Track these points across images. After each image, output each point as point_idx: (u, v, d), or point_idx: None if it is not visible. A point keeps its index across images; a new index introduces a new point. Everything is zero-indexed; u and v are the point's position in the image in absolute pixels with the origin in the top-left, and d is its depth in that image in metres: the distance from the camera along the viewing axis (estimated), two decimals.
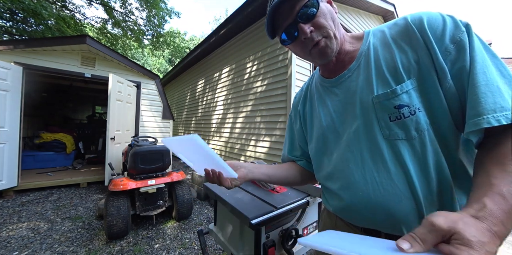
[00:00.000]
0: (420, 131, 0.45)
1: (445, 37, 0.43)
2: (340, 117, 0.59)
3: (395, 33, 0.50)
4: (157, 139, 3.02)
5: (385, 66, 0.49)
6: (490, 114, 0.37)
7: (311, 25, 0.50)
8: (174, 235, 2.27)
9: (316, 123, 0.67)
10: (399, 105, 0.46)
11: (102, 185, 3.86)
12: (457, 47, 0.42)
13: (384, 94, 0.48)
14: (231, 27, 3.84)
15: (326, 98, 0.64)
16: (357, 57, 0.55)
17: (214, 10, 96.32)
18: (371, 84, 0.51)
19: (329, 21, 0.51)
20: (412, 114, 0.45)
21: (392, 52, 0.49)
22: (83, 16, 9.38)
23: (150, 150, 2.37)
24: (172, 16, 11.04)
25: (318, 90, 0.68)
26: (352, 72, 0.56)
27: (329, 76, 0.64)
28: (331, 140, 0.61)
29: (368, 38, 0.55)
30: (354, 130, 0.54)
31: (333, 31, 0.52)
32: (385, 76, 0.49)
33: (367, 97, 0.51)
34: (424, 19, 0.46)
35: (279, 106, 3.09)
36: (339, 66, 0.59)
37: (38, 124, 6.03)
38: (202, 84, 5.63)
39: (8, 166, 3.15)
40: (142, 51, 19.28)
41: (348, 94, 0.57)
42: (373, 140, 0.51)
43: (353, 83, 0.56)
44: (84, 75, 3.90)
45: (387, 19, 4.89)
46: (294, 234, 0.94)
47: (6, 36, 7.83)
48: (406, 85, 0.46)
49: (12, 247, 1.95)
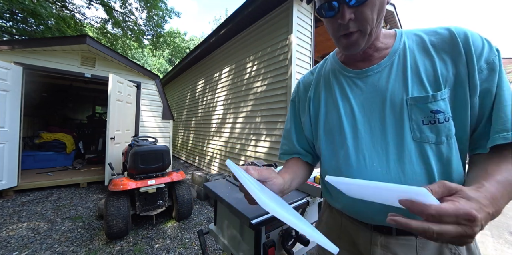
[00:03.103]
0: (449, 137, 0.47)
1: (482, 56, 0.46)
2: (363, 113, 0.56)
3: (437, 41, 0.50)
4: (157, 139, 3.02)
5: (424, 71, 0.50)
6: None
7: (353, 12, 0.46)
8: (174, 235, 2.27)
9: (332, 114, 0.62)
10: (436, 110, 0.47)
11: (102, 185, 3.86)
12: (489, 68, 0.46)
13: (422, 97, 0.48)
14: (231, 27, 3.84)
15: (347, 89, 0.60)
16: (390, 54, 0.54)
17: (214, 10, 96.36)
18: (407, 85, 0.50)
19: (374, 14, 0.47)
20: (446, 121, 0.47)
21: (432, 60, 0.50)
22: (83, 16, 9.38)
23: (150, 150, 2.37)
24: (172, 16, 11.05)
25: (336, 78, 0.63)
26: (382, 68, 0.55)
27: (352, 65, 0.61)
28: (349, 135, 0.58)
29: (401, 38, 0.55)
30: (381, 129, 0.53)
31: (372, 26, 0.49)
32: (422, 80, 0.49)
33: (399, 97, 0.51)
34: (469, 35, 0.48)
35: (279, 106, 3.09)
36: (365, 58, 0.58)
37: (38, 124, 6.03)
38: (202, 84, 5.63)
39: (8, 166, 3.15)
40: (142, 51, 19.28)
41: (376, 90, 0.55)
42: (401, 140, 0.51)
43: (382, 80, 0.54)
44: (84, 75, 3.90)
45: (387, 19, 4.89)
46: (294, 234, 0.94)
47: (6, 36, 7.83)
48: (444, 92, 0.47)
49: (12, 247, 1.95)
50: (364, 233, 0.59)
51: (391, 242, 0.54)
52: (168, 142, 5.00)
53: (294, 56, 2.93)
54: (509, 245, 2.15)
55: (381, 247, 0.55)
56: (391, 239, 0.54)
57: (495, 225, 2.58)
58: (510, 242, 2.20)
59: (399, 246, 0.52)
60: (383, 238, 0.55)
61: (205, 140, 5.16)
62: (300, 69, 3.06)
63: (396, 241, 0.53)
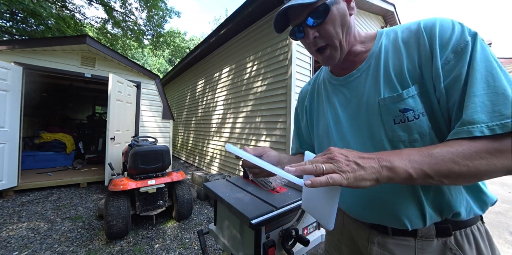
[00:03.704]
0: (423, 134, 0.47)
1: (448, 46, 0.44)
2: (347, 118, 0.59)
3: (407, 37, 0.51)
4: (157, 139, 3.02)
5: (393, 70, 0.51)
6: (486, 123, 0.38)
7: (316, 31, 0.51)
8: (174, 235, 2.27)
9: (322, 121, 0.67)
10: (404, 108, 0.47)
11: (102, 185, 3.85)
12: (456, 57, 0.43)
13: (390, 97, 0.49)
14: (231, 27, 3.83)
15: (333, 97, 0.64)
16: (368, 58, 0.56)
17: (214, 10, 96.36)
18: (379, 86, 0.52)
19: (337, 28, 0.51)
20: (416, 118, 0.46)
21: (400, 57, 0.50)
22: (83, 16, 9.38)
23: (150, 150, 2.37)
24: (172, 16, 11.06)
25: (325, 86, 0.68)
26: (361, 72, 0.57)
27: (338, 73, 0.64)
28: (336, 140, 0.62)
29: (380, 39, 0.55)
30: (360, 132, 0.55)
31: (339, 39, 0.52)
32: (392, 80, 0.50)
33: (374, 99, 0.52)
34: (436, 25, 0.46)
35: (279, 106, 3.09)
36: (348, 65, 0.60)
37: (38, 124, 6.03)
38: (202, 84, 5.63)
39: (8, 166, 3.15)
40: (142, 51, 19.30)
41: (356, 94, 0.57)
42: (379, 141, 0.52)
43: (361, 84, 0.56)
44: (84, 75, 3.90)
45: (387, 19, 4.89)
46: (294, 234, 0.94)
47: (6, 36, 7.83)
48: (412, 90, 0.47)
49: (12, 247, 1.95)
50: (362, 231, 0.61)
51: (388, 242, 0.54)
52: (168, 142, 5.00)
53: (294, 56, 2.93)
54: (509, 245, 2.15)
55: (378, 246, 0.56)
56: (387, 239, 0.54)
57: (495, 225, 2.58)
58: (510, 242, 2.20)
59: (397, 246, 0.53)
60: (380, 237, 0.56)
61: (205, 140, 5.15)
62: (300, 69, 3.06)
63: (394, 241, 0.53)
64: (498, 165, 0.36)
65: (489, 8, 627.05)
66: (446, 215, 0.48)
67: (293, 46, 2.91)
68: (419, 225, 0.49)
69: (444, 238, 0.49)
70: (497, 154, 0.36)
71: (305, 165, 0.39)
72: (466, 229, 0.49)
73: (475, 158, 0.37)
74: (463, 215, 0.47)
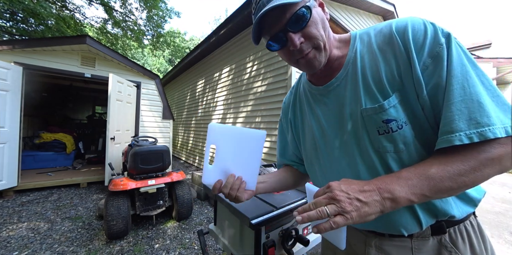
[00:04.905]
0: (407, 144, 0.46)
1: (424, 50, 0.43)
2: (331, 129, 0.58)
3: (381, 42, 0.49)
4: (157, 139, 3.02)
5: (371, 78, 0.48)
6: (464, 131, 0.38)
7: (301, 35, 0.48)
8: (174, 235, 2.27)
9: (308, 133, 0.65)
10: (387, 119, 0.46)
11: (102, 185, 3.85)
12: (434, 62, 0.42)
13: (372, 108, 0.47)
14: (231, 27, 3.83)
15: (315, 107, 0.62)
16: (345, 65, 0.54)
17: (214, 10, 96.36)
18: (359, 96, 0.50)
19: (320, 30, 0.48)
20: (399, 128, 0.45)
21: (378, 64, 0.48)
22: (83, 16, 9.38)
23: (150, 150, 2.37)
24: (172, 16, 11.05)
25: (307, 96, 0.66)
26: (340, 80, 0.55)
27: (317, 82, 0.62)
28: (323, 151, 0.60)
29: (355, 44, 0.53)
30: (346, 143, 0.54)
31: (324, 41, 0.49)
32: (372, 89, 0.48)
33: (355, 110, 0.51)
34: (408, 29, 0.44)
35: (279, 106, 3.09)
36: (327, 72, 0.57)
37: (38, 124, 6.02)
38: (202, 84, 5.63)
39: (8, 166, 3.15)
40: (142, 51, 19.30)
41: (337, 104, 0.56)
42: (365, 152, 0.51)
43: (341, 93, 0.54)
44: (84, 75, 3.90)
45: (387, 19, 4.89)
46: (294, 234, 0.94)
47: (6, 36, 7.83)
48: (392, 99, 0.45)
49: (12, 247, 1.95)
50: (359, 234, 0.60)
51: (385, 244, 0.54)
52: (168, 142, 4.99)
53: None
54: (509, 245, 2.15)
55: (375, 249, 0.55)
56: (385, 241, 0.54)
57: (495, 225, 2.58)
58: (510, 242, 2.20)
59: (394, 247, 0.53)
60: (377, 239, 0.55)
61: (205, 140, 5.15)
62: None
63: (391, 243, 0.53)
64: (491, 172, 0.38)
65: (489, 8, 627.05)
66: (441, 218, 0.48)
67: None
68: (415, 230, 0.49)
69: (439, 236, 0.49)
70: (489, 163, 0.37)
71: (310, 212, 0.39)
72: (460, 225, 0.50)
73: (470, 172, 0.37)
74: (458, 216, 0.48)
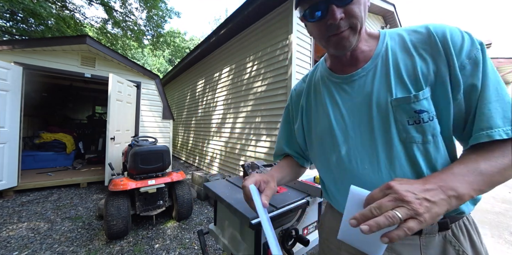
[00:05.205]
0: (435, 136, 0.47)
1: (462, 52, 0.45)
2: (352, 117, 0.57)
3: (416, 40, 0.50)
4: (157, 139, 3.02)
5: (405, 71, 0.50)
6: (501, 127, 0.41)
7: (343, 11, 0.47)
8: (174, 235, 2.27)
9: (323, 120, 0.64)
10: (419, 110, 0.47)
11: (102, 185, 3.85)
12: (472, 63, 0.45)
13: (405, 98, 0.48)
14: (231, 27, 3.84)
15: (336, 95, 0.61)
16: (373, 57, 0.54)
17: (214, 10, 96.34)
18: (390, 87, 0.51)
19: (361, 11, 0.48)
20: (430, 120, 0.47)
21: (412, 59, 0.50)
22: (83, 16, 9.38)
23: (150, 150, 2.37)
24: (172, 16, 11.05)
25: (325, 84, 0.65)
26: (367, 71, 0.55)
27: (339, 71, 0.61)
28: (340, 140, 0.59)
29: (384, 40, 0.54)
30: (370, 132, 0.54)
31: (362, 23, 0.50)
32: (404, 81, 0.49)
33: (384, 99, 0.51)
34: (446, 31, 0.47)
35: (279, 106, 3.09)
36: (352, 62, 0.58)
37: (38, 124, 6.02)
38: (202, 84, 5.63)
39: (8, 166, 3.15)
40: (142, 51, 19.30)
41: (362, 94, 0.55)
42: (389, 142, 0.51)
43: (368, 84, 0.55)
44: (84, 75, 3.90)
45: (387, 19, 4.90)
46: (294, 234, 0.94)
47: (6, 36, 7.83)
48: (426, 91, 0.47)
49: (12, 247, 1.95)
50: None
51: (396, 243, 0.54)
52: (168, 142, 5.00)
53: (294, 56, 2.93)
54: (509, 245, 2.15)
55: (386, 249, 0.55)
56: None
57: (495, 225, 2.58)
58: (510, 242, 2.20)
59: (403, 246, 0.53)
60: None
61: (205, 140, 5.16)
62: (300, 69, 3.06)
63: (401, 241, 0.53)
64: None
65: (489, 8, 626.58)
66: (451, 214, 0.50)
67: (293, 46, 2.91)
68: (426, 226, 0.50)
69: (443, 232, 0.51)
70: None
71: (377, 218, 0.34)
72: (459, 221, 0.52)
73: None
74: (466, 212, 0.50)
